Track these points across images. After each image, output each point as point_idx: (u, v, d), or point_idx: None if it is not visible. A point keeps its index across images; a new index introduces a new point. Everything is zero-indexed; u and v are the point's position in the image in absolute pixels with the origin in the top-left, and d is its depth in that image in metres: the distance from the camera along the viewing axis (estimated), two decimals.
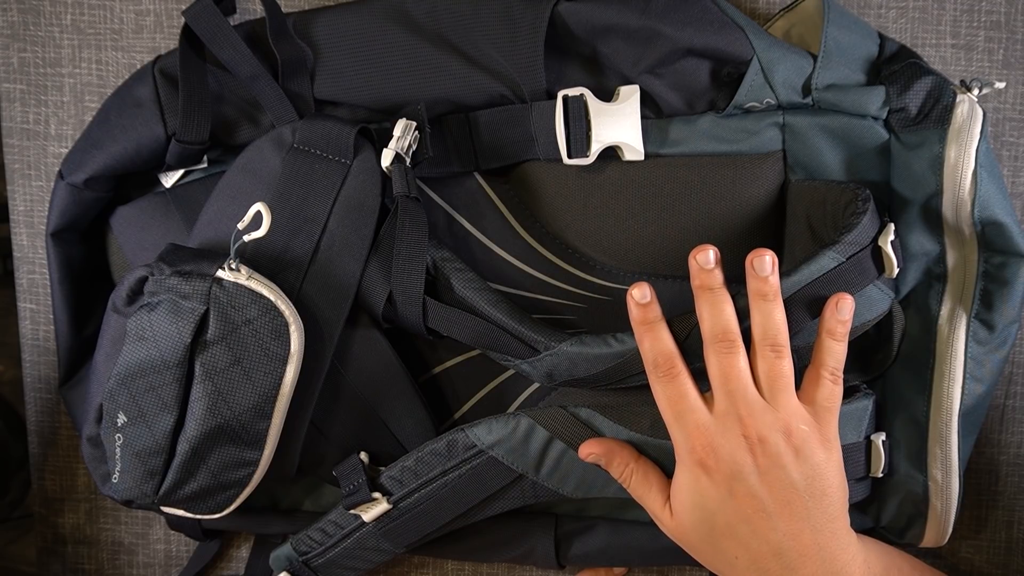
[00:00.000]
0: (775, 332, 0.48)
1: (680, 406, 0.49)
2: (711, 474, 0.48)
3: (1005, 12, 0.59)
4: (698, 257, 0.49)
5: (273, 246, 0.54)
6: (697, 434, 0.48)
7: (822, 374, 0.49)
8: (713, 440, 0.48)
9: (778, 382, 0.48)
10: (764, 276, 0.48)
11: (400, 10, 0.55)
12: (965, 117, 0.50)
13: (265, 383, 0.52)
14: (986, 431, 0.61)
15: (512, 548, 0.60)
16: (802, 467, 0.47)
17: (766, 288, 0.48)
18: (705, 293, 0.49)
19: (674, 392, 0.49)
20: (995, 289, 0.52)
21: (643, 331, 0.50)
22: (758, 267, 0.48)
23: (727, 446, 0.47)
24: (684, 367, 0.50)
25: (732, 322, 0.48)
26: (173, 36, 0.62)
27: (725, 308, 0.49)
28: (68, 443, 0.66)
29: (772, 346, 0.48)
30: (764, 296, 0.48)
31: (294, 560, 0.59)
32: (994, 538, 0.63)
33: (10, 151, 0.63)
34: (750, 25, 0.53)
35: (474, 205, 0.59)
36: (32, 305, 0.65)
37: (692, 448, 0.48)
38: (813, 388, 0.49)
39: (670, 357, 0.49)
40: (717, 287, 0.49)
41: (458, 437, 0.55)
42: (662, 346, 0.50)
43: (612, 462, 0.52)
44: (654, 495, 0.51)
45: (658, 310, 0.50)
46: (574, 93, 0.54)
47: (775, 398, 0.48)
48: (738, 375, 0.48)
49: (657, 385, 0.50)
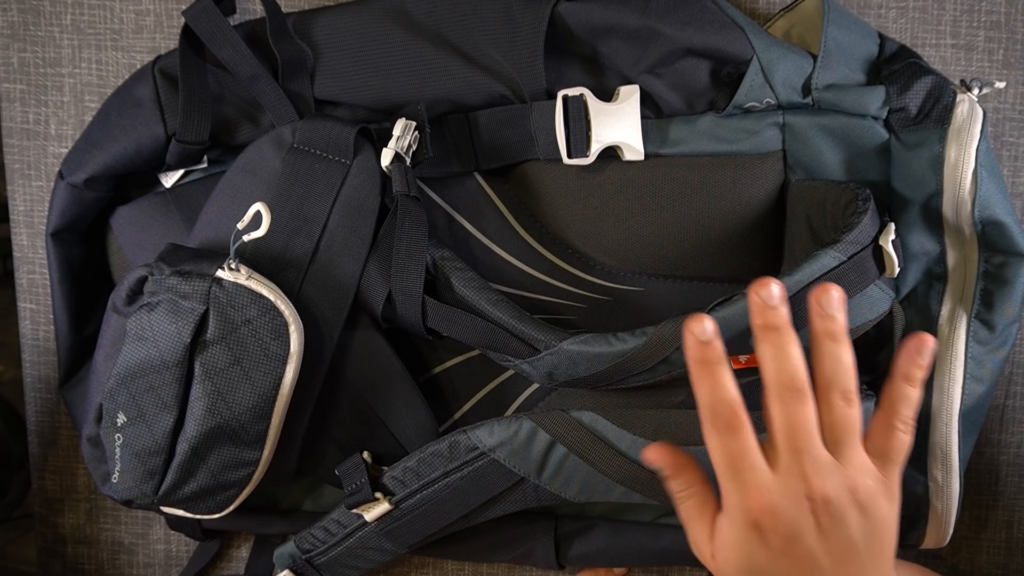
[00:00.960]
0: (846, 378, 0.43)
1: (740, 463, 0.44)
2: (765, 535, 0.43)
3: (1005, 12, 0.59)
4: (761, 293, 0.44)
5: (273, 246, 0.54)
6: (756, 494, 0.43)
7: (895, 424, 0.44)
8: (773, 500, 0.43)
9: (848, 434, 0.43)
10: (831, 314, 0.43)
11: (400, 10, 0.55)
12: (965, 117, 0.50)
13: (265, 383, 0.52)
14: (986, 431, 0.61)
15: (512, 548, 0.60)
16: (865, 524, 0.43)
17: (834, 327, 0.43)
18: (770, 333, 0.43)
19: (736, 446, 0.44)
20: (995, 289, 0.52)
21: (702, 374, 0.44)
22: (825, 304, 0.43)
23: (788, 508, 0.43)
24: (747, 419, 0.44)
25: (801, 368, 0.43)
26: (173, 36, 0.62)
27: (792, 352, 0.43)
28: (68, 443, 0.66)
29: (843, 393, 0.43)
30: (832, 336, 0.43)
31: (297, 558, 0.60)
32: (994, 538, 0.63)
33: (10, 151, 0.63)
34: (750, 25, 0.53)
35: (474, 205, 0.59)
36: (32, 305, 0.65)
37: (748, 508, 0.43)
38: (883, 439, 0.44)
39: (733, 407, 0.44)
40: (783, 327, 0.43)
41: (460, 439, 0.55)
42: (724, 393, 0.44)
43: (676, 478, 0.47)
44: (703, 528, 0.47)
45: (721, 348, 0.44)
46: (574, 93, 0.54)
47: (843, 451, 0.43)
48: (807, 429, 0.43)
49: (714, 437, 0.44)
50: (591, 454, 0.53)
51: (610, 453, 0.53)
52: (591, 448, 0.53)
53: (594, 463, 0.53)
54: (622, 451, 0.53)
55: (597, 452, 0.53)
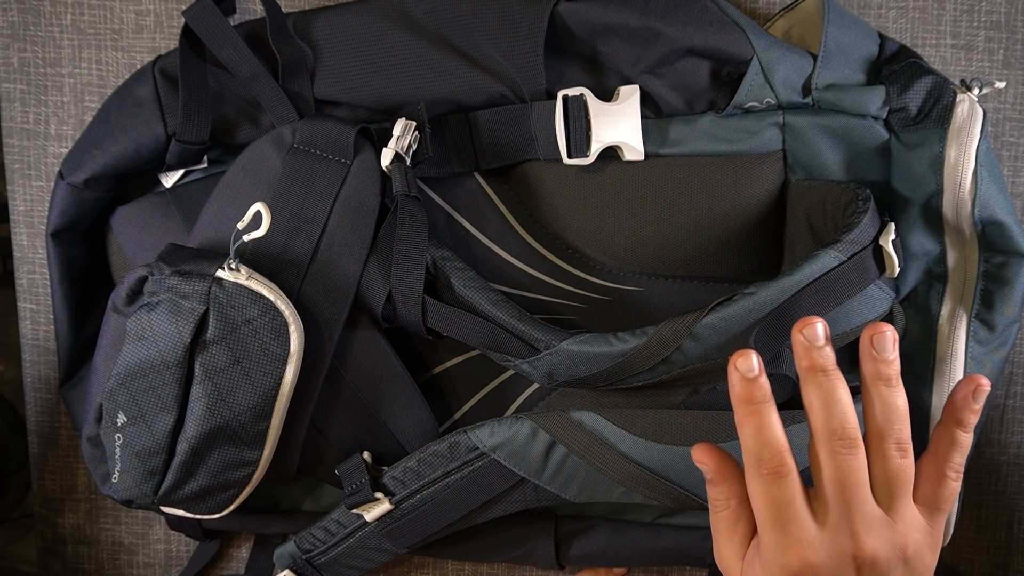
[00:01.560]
0: (900, 427, 0.41)
1: (785, 513, 0.41)
2: None
3: (1005, 12, 0.59)
4: (805, 332, 0.41)
5: (273, 246, 0.54)
6: (799, 548, 0.41)
7: (947, 472, 0.42)
8: (816, 558, 0.41)
9: (901, 488, 0.41)
10: (886, 357, 0.41)
11: (400, 10, 0.55)
12: (965, 117, 0.50)
13: (265, 383, 0.52)
14: (986, 431, 0.61)
15: (512, 548, 0.60)
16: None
17: (889, 372, 0.41)
18: (817, 376, 0.41)
19: (781, 496, 0.41)
20: (996, 289, 0.52)
21: (747, 413, 0.42)
22: (878, 345, 0.41)
23: (831, 566, 0.41)
24: (794, 467, 0.41)
25: (852, 415, 0.41)
26: (173, 36, 0.62)
27: (842, 396, 0.41)
28: (68, 443, 0.66)
29: (897, 443, 0.41)
30: (887, 381, 0.41)
31: (297, 558, 0.60)
32: (994, 538, 0.63)
33: (10, 151, 0.63)
34: (750, 25, 0.53)
35: (474, 205, 0.59)
36: (32, 305, 0.65)
37: (787, 563, 0.41)
38: (933, 487, 0.42)
39: (780, 452, 0.41)
40: (831, 369, 0.41)
41: (460, 439, 0.55)
42: (771, 436, 0.41)
43: (717, 486, 0.45)
44: (732, 546, 0.45)
45: (767, 387, 0.42)
46: (574, 93, 0.54)
47: (894, 506, 0.41)
48: (858, 482, 0.41)
49: (758, 482, 0.42)
50: (591, 454, 0.53)
51: (610, 453, 0.53)
52: (591, 448, 0.53)
53: (594, 463, 0.53)
54: (622, 451, 0.53)
55: (597, 452, 0.53)
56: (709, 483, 0.45)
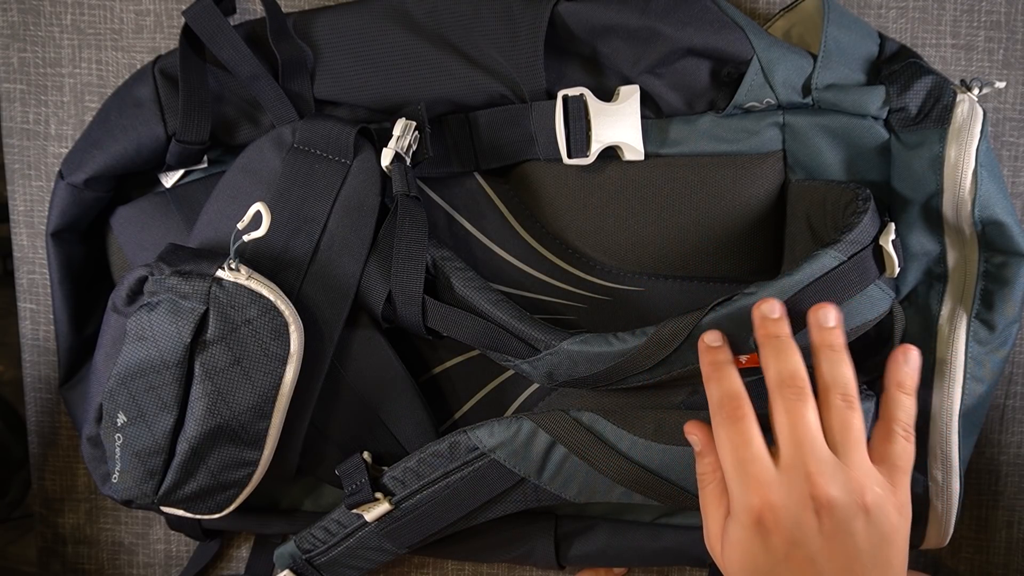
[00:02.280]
0: (845, 382, 0.44)
1: (742, 453, 0.44)
2: (767, 535, 0.43)
3: (1005, 12, 0.59)
4: (762, 307, 0.46)
5: (273, 246, 0.54)
6: (757, 488, 0.43)
7: (894, 429, 0.45)
8: (775, 497, 0.43)
9: (849, 435, 0.44)
10: (829, 327, 0.45)
11: (400, 10, 0.55)
12: (965, 117, 0.50)
13: (265, 383, 0.52)
14: (986, 431, 0.61)
15: (512, 549, 0.60)
16: (871, 535, 0.42)
17: (832, 339, 0.45)
18: (771, 341, 0.46)
19: (737, 436, 0.45)
20: (996, 289, 0.52)
21: (711, 371, 0.47)
22: (823, 319, 0.46)
23: (790, 506, 0.43)
24: (751, 411, 0.45)
25: (801, 369, 0.45)
26: (173, 36, 0.62)
27: (793, 355, 0.45)
28: (68, 443, 0.66)
29: (843, 395, 0.44)
30: (831, 347, 0.45)
31: (297, 558, 0.60)
32: (994, 538, 0.63)
33: (10, 151, 0.63)
34: (750, 25, 0.53)
35: (474, 205, 0.59)
36: (32, 305, 0.65)
37: (750, 504, 0.43)
38: (885, 444, 0.45)
39: (736, 397, 0.45)
40: (784, 336, 0.46)
41: (460, 439, 0.55)
42: (728, 385, 0.46)
43: (704, 457, 0.48)
44: (717, 520, 0.47)
45: (728, 354, 0.48)
46: (574, 93, 0.54)
47: (848, 454, 0.43)
48: (807, 425, 0.43)
49: (720, 428, 0.46)
50: (591, 454, 0.53)
51: (610, 453, 0.53)
52: (591, 448, 0.53)
53: (594, 463, 0.53)
54: (622, 451, 0.53)
55: (597, 452, 0.53)
56: (698, 455, 0.49)
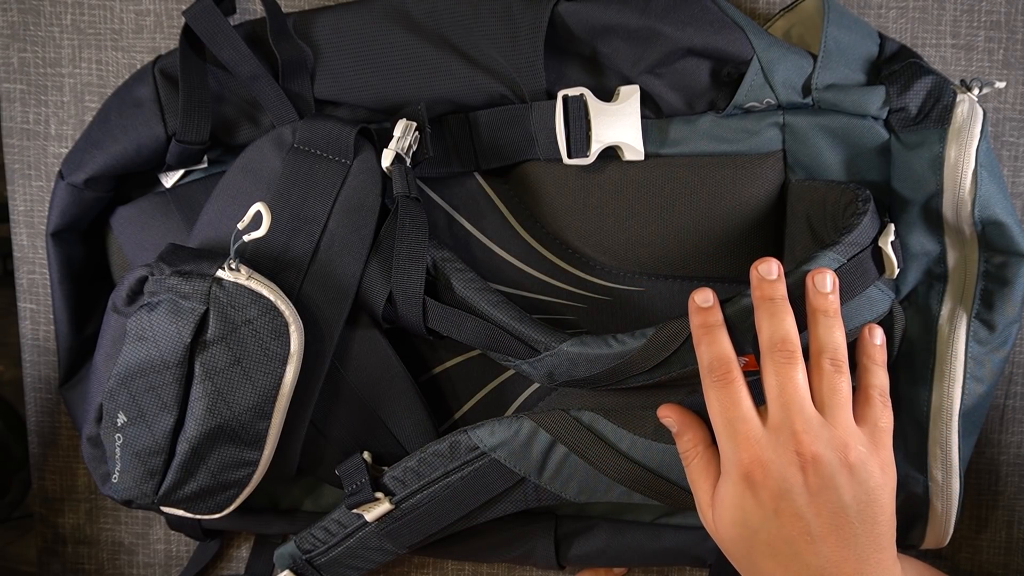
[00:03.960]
0: (835, 347, 0.46)
1: (732, 414, 0.46)
2: (757, 490, 0.45)
3: (1005, 12, 0.59)
4: (760, 268, 0.47)
5: (273, 246, 0.54)
6: (747, 446, 0.46)
7: (872, 394, 0.48)
8: (763, 454, 0.45)
9: (836, 397, 0.46)
10: (824, 293, 0.47)
11: (400, 10, 0.55)
12: (965, 117, 0.50)
13: (265, 383, 0.52)
14: (986, 431, 0.61)
15: (512, 549, 0.60)
16: (856, 490, 0.44)
17: (827, 305, 0.47)
18: (766, 303, 0.47)
19: (727, 398, 0.47)
20: (996, 289, 0.52)
21: (701, 334, 0.48)
22: (819, 284, 0.47)
23: (778, 462, 0.45)
24: (740, 374, 0.47)
25: (793, 333, 0.46)
26: (173, 36, 0.62)
27: (786, 319, 0.47)
28: (68, 443, 0.66)
29: (832, 360, 0.46)
30: (825, 312, 0.47)
31: (298, 558, 0.60)
32: (994, 538, 0.63)
33: (10, 151, 0.63)
34: (750, 25, 0.53)
35: (474, 205, 0.59)
36: (32, 305, 0.65)
37: (740, 460, 0.46)
38: (865, 407, 0.47)
39: (726, 361, 0.47)
40: (779, 298, 0.47)
41: (460, 438, 0.55)
42: (719, 350, 0.47)
43: (683, 435, 0.50)
44: (707, 488, 0.49)
45: (720, 315, 0.48)
46: (574, 93, 0.54)
47: (833, 415, 0.46)
48: (795, 387, 0.45)
49: (710, 391, 0.47)
50: (591, 454, 0.53)
51: (610, 453, 0.53)
52: (591, 448, 0.53)
53: (594, 463, 0.53)
54: (622, 451, 0.53)
55: (597, 452, 0.53)
56: (677, 436, 0.51)
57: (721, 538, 0.48)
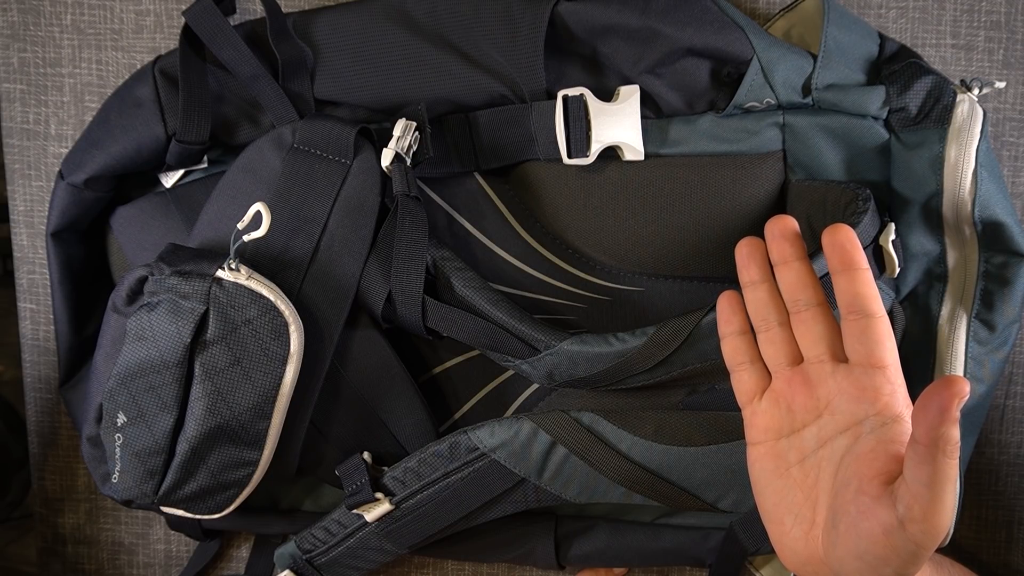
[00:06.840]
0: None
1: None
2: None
3: (1005, 12, 0.59)
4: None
5: (273, 246, 0.54)
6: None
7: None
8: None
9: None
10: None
11: (400, 10, 0.55)
12: (965, 117, 0.50)
13: (265, 383, 0.52)
14: (986, 431, 0.61)
15: (512, 549, 0.60)
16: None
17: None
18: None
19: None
20: (996, 289, 0.52)
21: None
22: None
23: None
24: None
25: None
26: (173, 36, 0.62)
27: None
28: (68, 443, 0.66)
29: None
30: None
31: (298, 558, 0.60)
32: (994, 538, 0.63)
33: (10, 151, 0.63)
34: (750, 25, 0.53)
35: (474, 205, 0.59)
36: (32, 305, 0.65)
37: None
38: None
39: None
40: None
41: (461, 439, 0.55)
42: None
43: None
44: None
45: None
46: (574, 93, 0.54)
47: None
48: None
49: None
50: (591, 455, 0.53)
51: (610, 454, 0.53)
52: (591, 449, 0.53)
53: (594, 464, 0.53)
54: (622, 452, 0.53)
55: (597, 453, 0.53)
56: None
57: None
